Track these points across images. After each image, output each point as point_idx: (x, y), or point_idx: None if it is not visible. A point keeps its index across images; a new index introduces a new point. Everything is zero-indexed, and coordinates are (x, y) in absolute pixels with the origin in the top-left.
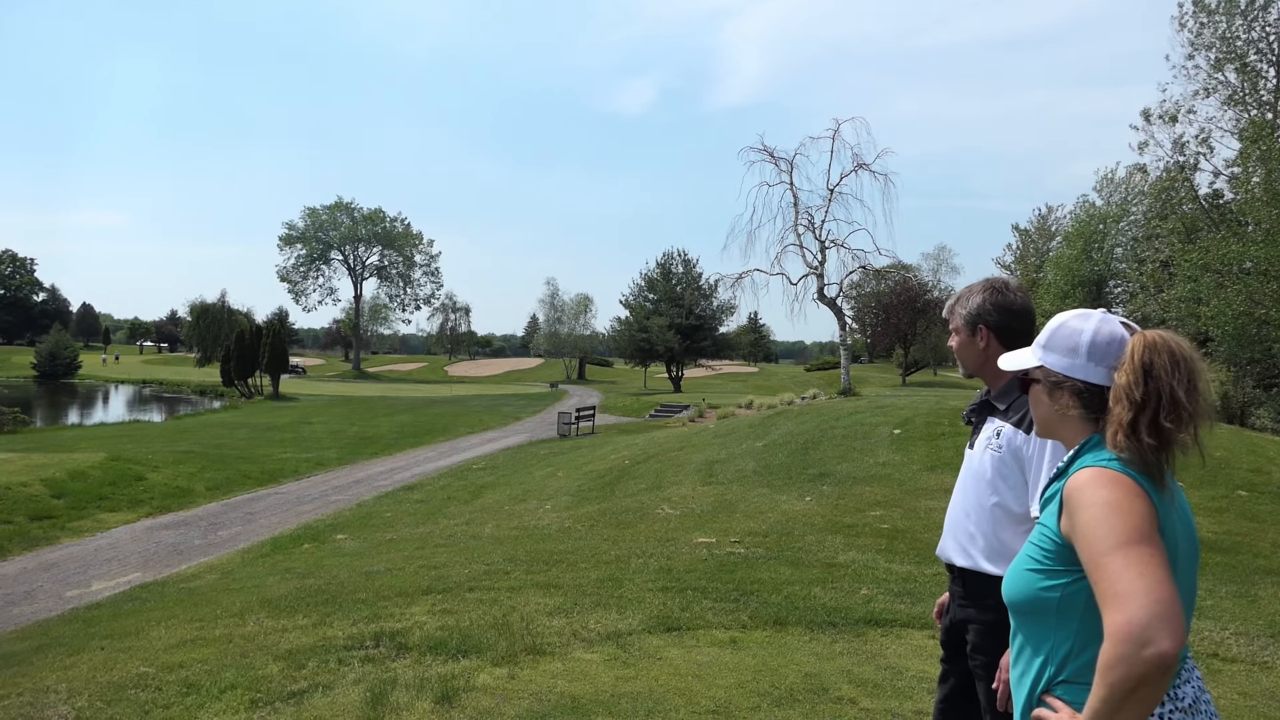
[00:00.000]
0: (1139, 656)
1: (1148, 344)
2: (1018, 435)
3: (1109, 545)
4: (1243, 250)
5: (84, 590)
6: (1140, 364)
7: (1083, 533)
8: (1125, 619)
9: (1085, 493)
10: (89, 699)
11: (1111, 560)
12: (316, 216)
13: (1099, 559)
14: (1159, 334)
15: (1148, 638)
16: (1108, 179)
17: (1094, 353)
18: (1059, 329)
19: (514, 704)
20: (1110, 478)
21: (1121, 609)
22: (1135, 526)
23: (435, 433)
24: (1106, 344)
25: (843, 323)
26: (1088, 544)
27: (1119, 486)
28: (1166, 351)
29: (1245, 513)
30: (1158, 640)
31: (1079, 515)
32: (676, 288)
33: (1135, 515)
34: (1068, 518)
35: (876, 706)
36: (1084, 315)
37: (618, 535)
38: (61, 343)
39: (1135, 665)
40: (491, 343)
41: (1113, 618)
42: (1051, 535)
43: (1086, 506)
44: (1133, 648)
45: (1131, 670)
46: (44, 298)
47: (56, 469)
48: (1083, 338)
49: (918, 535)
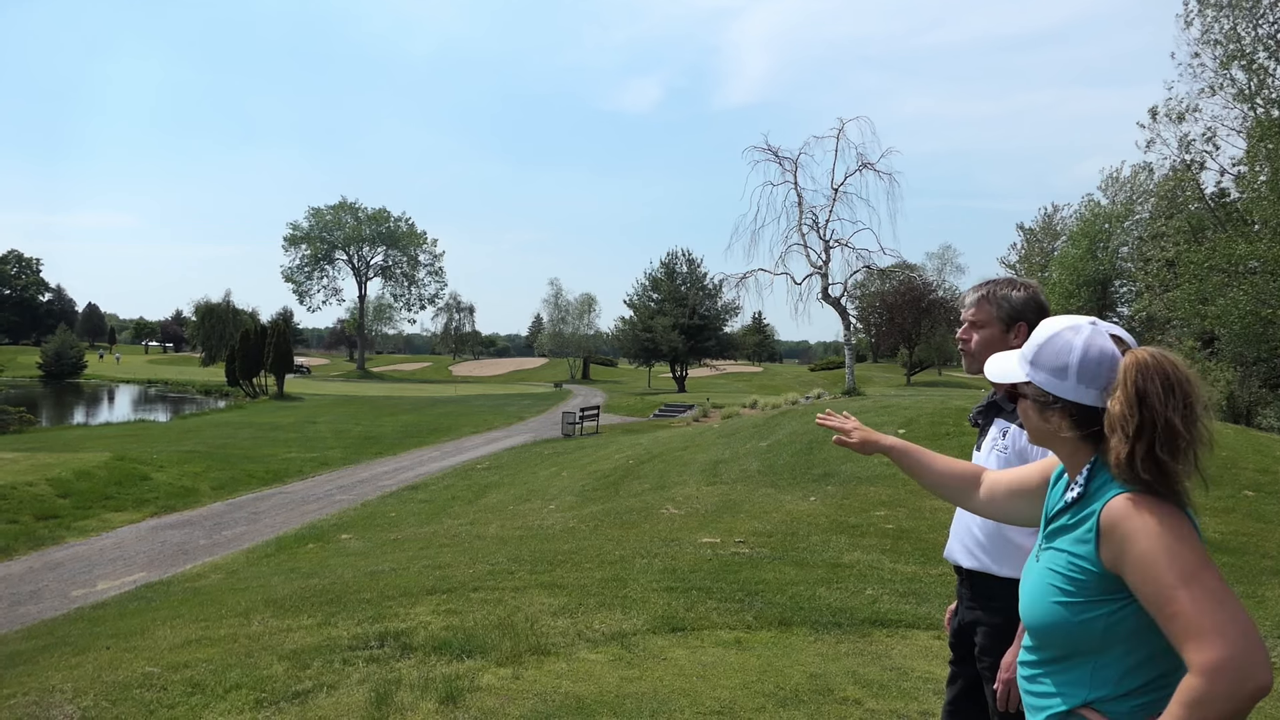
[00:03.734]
0: (1241, 694)
1: (1140, 368)
2: (1023, 436)
3: (1176, 577)
4: (1249, 249)
5: (89, 590)
6: (1134, 391)
7: (1140, 565)
8: (1222, 656)
9: (1134, 521)
10: (94, 698)
11: (1184, 594)
12: (321, 217)
13: (1169, 592)
14: (1150, 355)
15: (1247, 674)
16: (1113, 178)
17: (1083, 374)
18: (1047, 343)
19: (518, 704)
20: (1155, 505)
21: (1212, 646)
22: (1196, 554)
23: (439, 432)
24: (1096, 363)
25: (847, 322)
26: (1151, 577)
27: (1168, 514)
28: (1160, 375)
29: (1252, 513)
30: (1257, 675)
31: (1132, 546)
32: (681, 287)
33: (1192, 541)
34: (1111, 548)
35: (882, 707)
36: (1074, 328)
37: (622, 535)
38: (67, 343)
39: (1237, 702)
40: (496, 342)
41: (1204, 655)
42: (1088, 565)
43: (1140, 537)
44: (1233, 685)
45: (1232, 707)
46: (50, 298)
47: (62, 469)
48: (1072, 357)
49: (923, 535)
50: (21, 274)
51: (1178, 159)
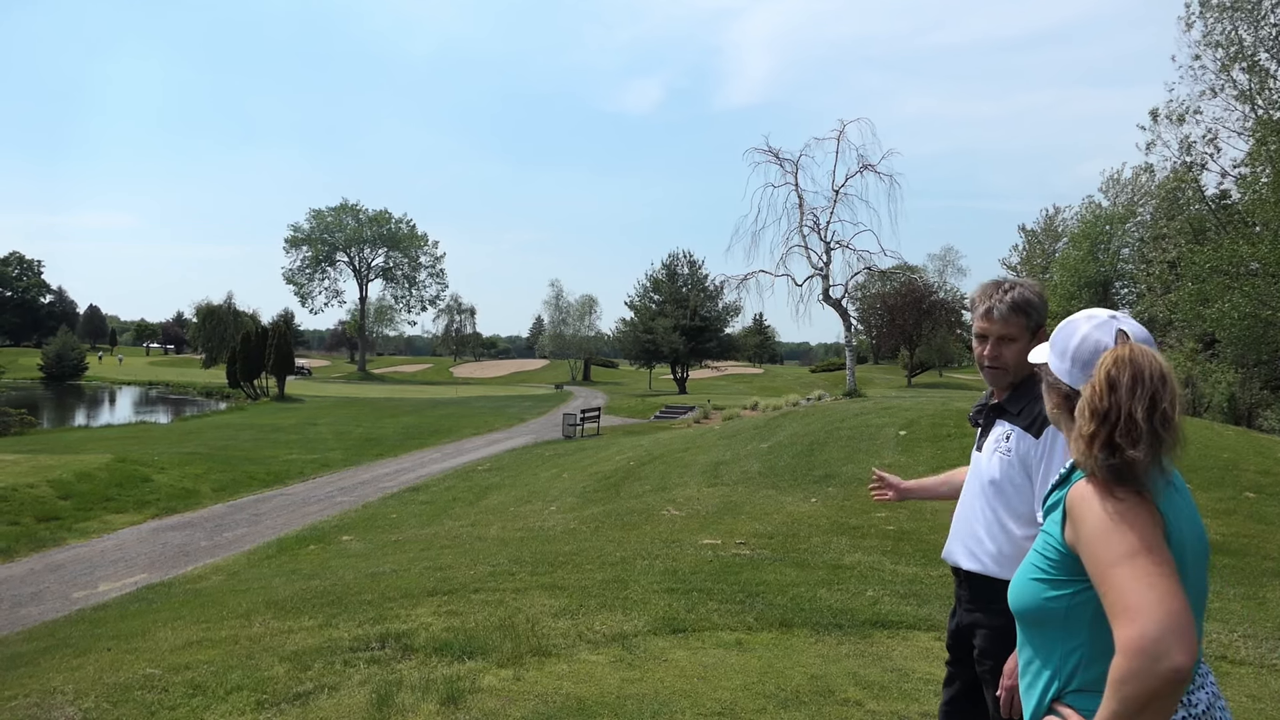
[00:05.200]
0: (1153, 671)
1: (1116, 359)
2: (1026, 439)
3: (1115, 556)
4: (1250, 251)
5: (91, 591)
6: (1105, 379)
7: (1088, 544)
8: (1137, 633)
9: (1089, 502)
10: (95, 700)
11: (1118, 572)
12: (322, 218)
13: (1105, 571)
14: (1132, 350)
15: (1161, 652)
16: (1114, 180)
17: (1078, 359)
18: (1064, 326)
19: (519, 706)
20: (1108, 489)
21: (1132, 623)
22: (1140, 536)
23: (440, 434)
24: (1091, 352)
25: (848, 324)
26: (1093, 555)
27: (1119, 498)
28: (1131, 369)
29: (1253, 514)
30: (1171, 654)
31: (1083, 526)
32: (682, 289)
33: (1140, 525)
34: (1072, 528)
35: (883, 709)
36: (1090, 317)
37: (623, 537)
38: (68, 344)
39: (1149, 680)
40: (497, 344)
41: (1124, 631)
42: (1056, 545)
43: (1090, 517)
44: (1146, 662)
45: (1145, 685)
46: (51, 299)
47: (63, 470)
48: (1072, 342)
49: (924, 537)
50: (23, 276)
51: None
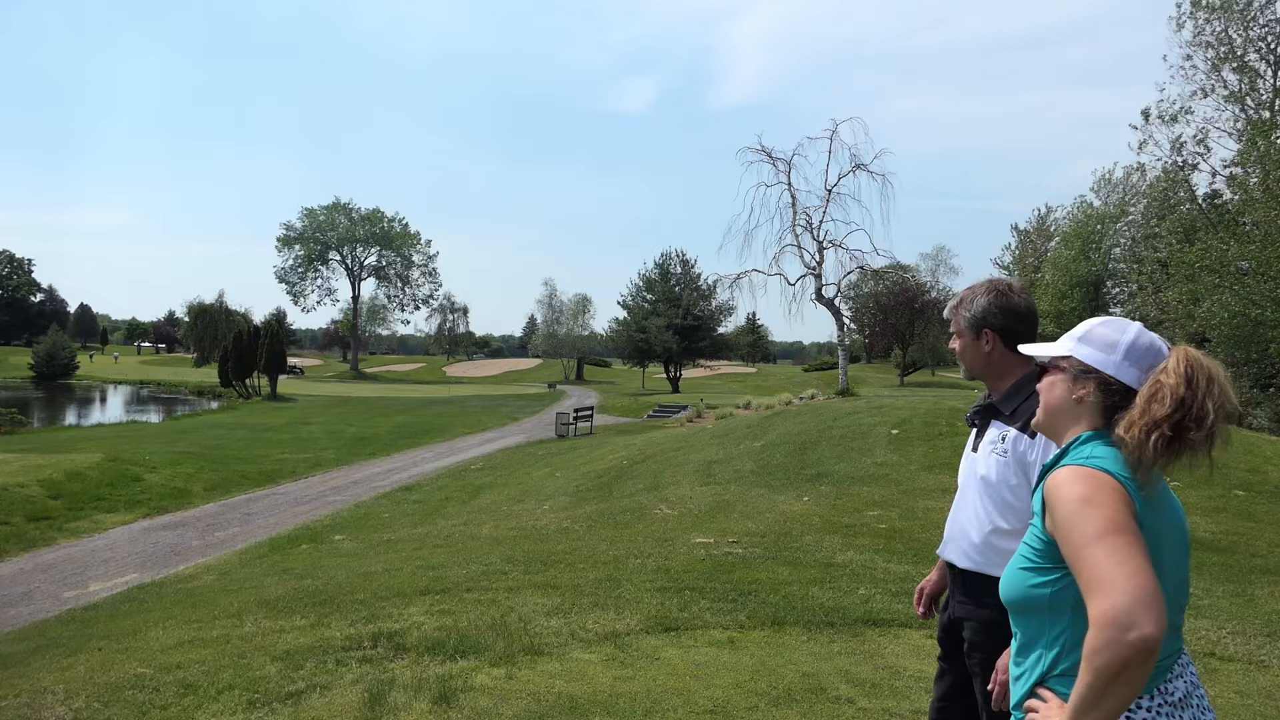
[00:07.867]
0: (1123, 640)
1: (1193, 359)
2: (1022, 440)
3: (1087, 537)
4: (1240, 250)
5: (81, 591)
6: (1185, 373)
7: (1062, 528)
8: (1108, 605)
9: (1062, 489)
10: (86, 700)
11: (1091, 552)
12: (314, 217)
13: (1079, 552)
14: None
15: (1130, 622)
16: (1105, 179)
17: (1131, 354)
18: (1101, 325)
19: (512, 704)
20: (1086, 474)
21: (1104, 596)
22: (1110, 518)
23: (433, 433)
24: (1145, 350)
25: (841, 323)
26: (1067, 539)
27: (1094, 481)
28: (1208, 370)
29: (1242, 512)
30: (1140, 624)
31: (1057, 512)
32: (675, 288)
33: (1110, 507)
34: (1050, 516)
35: (874, 706)
36: (1124, 324)
37: (615, 535)
38: (59, 343)
39: (1119, 650)
40: (490, 343)
41: (1096, 605)
42: (1039, 534)
43: (1063, 503)
44: (1116, 632)
45: (1116, 655)
46: (41, 298)
47: (54, 470)
48: (1124, 337)
49: (915, 535)
50: (13, 274)
51: (1170, 160)
